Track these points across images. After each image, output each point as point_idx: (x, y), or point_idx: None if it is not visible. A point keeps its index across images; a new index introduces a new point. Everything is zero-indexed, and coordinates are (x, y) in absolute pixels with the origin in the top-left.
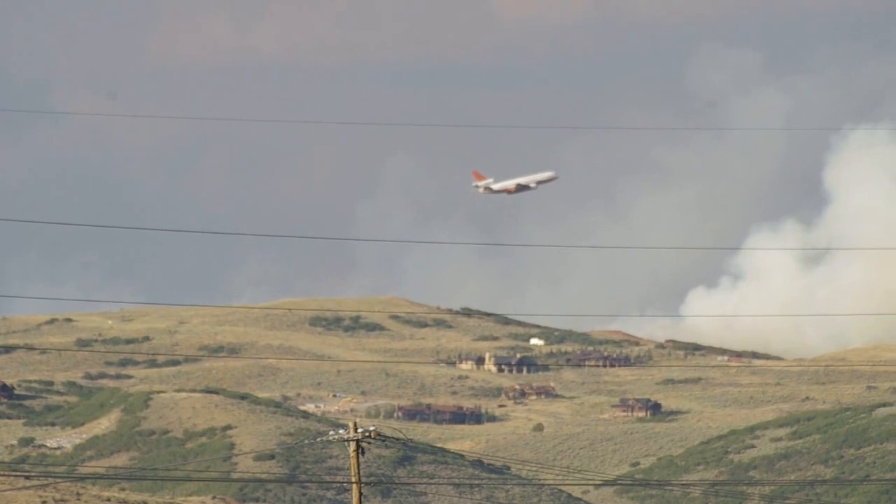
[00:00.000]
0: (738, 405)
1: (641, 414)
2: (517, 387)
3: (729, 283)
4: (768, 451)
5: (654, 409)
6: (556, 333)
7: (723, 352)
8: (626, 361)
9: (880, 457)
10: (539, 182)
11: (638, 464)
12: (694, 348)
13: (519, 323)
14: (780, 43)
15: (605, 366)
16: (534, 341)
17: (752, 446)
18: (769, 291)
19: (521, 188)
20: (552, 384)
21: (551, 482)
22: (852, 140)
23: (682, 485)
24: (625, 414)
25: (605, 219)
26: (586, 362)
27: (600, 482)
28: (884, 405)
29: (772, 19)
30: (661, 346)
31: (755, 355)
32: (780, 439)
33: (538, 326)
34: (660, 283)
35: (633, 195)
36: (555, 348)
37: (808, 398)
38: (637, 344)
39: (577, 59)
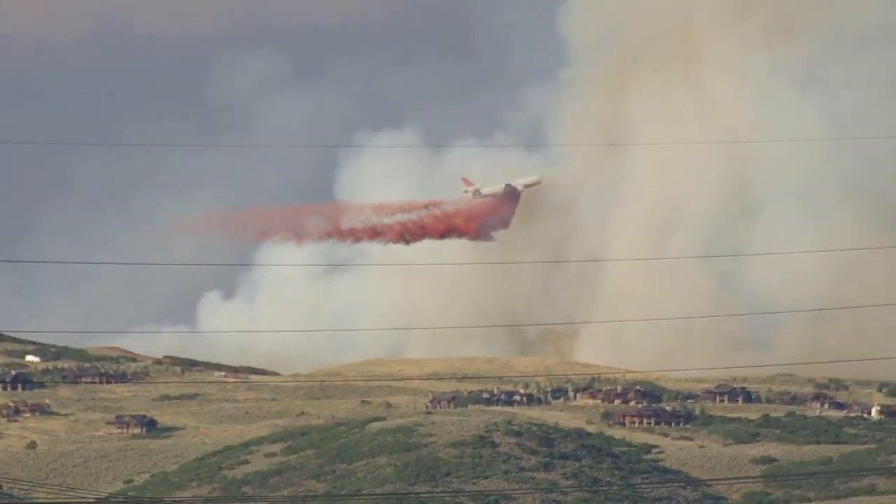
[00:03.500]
0: (234, 421)
1: (137, 430)
2: (11, 404)
3: (246, 293)
4: (262, 466)
5: (150, 425)
6: (52, 350)
7: (219, 367)
8: (122, 378)
9: (371, 471)
10: (526, 185)
11: (132, 480)
12: (191, 364)
13: (15, 339)
14: (303, 52)
15: (101, 382)
16: (30, 358)
17: (247, 462)
18: (286, 303)
19: (510, 190)
20: (48, 401)
21: (43, 500)
22: (369, 151)
23: (175, 501)
24: (120, 431)
25: (123, 230)
26: (82, 379)
27: (93, 500)
28: (376, 419)
29: (294, 29)
30: (158, 361)
31: (252, 370)
32: (274, 454)
33: (34, 343)
34: (175, 295)
35: (154, 207)
36: (51, 365)
37: (302, 413)
38: (134, 360)
39: (89, 74)
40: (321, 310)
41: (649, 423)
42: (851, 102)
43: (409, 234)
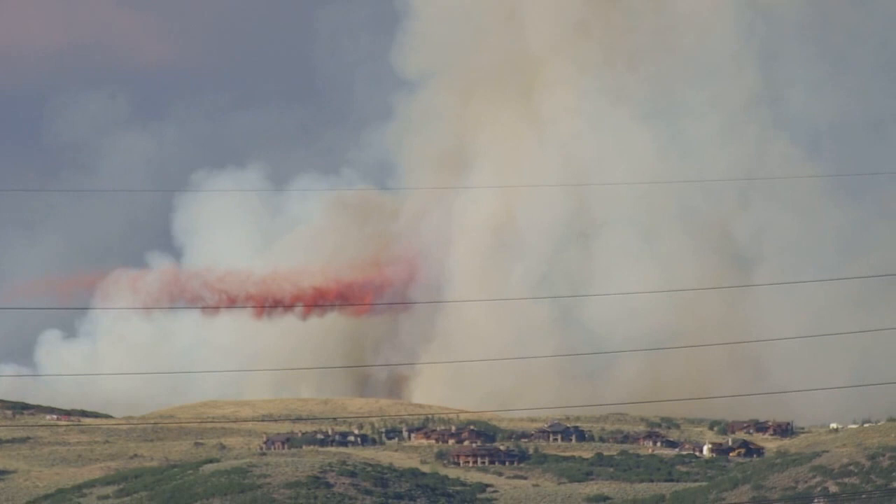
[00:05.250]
0: (67, 464)
1: None
2: None
3: (87, 333)
4: None
5: None
6: None
7: (51, 410)
8: None
9: None
10: None
11: None
12: (22, 407)
13: None
14: (144, 91)
15: None
16: None
17: None
18: (127, 343)
19: None
20: None
21: None
22: (212, 194)
23: None
24: None
25: None
26: None
27: None
28: (210, 461)
29: (134, 68)
30: None
31: (84, 413)
32: (107, 497)
33: None
34: (11, 335)
35: None
36: None
37: (136, 455)
38: None
39: None
40: (162, 350)
41: (483, 463)
42: (695, 133)
43: (274, 305)
